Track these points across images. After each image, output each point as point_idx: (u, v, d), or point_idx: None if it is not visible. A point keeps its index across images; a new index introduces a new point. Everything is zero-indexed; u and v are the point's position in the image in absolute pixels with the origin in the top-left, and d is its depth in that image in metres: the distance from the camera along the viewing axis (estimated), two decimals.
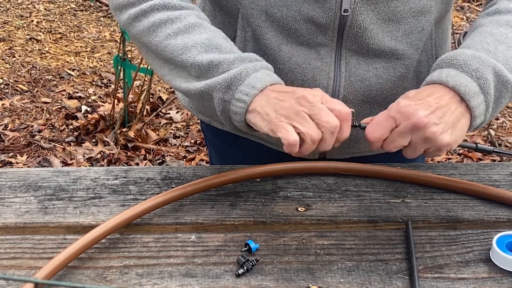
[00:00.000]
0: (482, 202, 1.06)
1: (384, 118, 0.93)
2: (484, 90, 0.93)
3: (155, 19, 1.01)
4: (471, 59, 0.95)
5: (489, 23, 1.03)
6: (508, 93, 0.96)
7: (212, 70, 0.96)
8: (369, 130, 0.93)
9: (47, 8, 4.64)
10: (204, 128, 1.38)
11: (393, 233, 0.99)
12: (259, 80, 0.93)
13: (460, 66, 0.94)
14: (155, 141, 3.10)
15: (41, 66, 3.77)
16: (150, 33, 1.01)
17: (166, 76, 1.04)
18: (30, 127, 3.16)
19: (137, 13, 1.02)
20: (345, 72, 1.08)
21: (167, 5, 1.02)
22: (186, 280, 0.88)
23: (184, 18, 1.01)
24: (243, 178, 1.08)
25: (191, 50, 0.98)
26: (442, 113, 0.91)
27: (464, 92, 0.92)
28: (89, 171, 1.13)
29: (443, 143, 0.90)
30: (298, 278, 0.89)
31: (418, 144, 0.91)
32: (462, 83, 0.93)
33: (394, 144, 0.92)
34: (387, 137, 0.92)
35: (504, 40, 0.99)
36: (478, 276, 0.90)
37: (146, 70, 2.94)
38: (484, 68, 0.93)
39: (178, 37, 0.99)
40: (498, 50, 0.97)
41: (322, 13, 1.03)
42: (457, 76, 0.93)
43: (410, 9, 1.05)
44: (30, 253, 0.93)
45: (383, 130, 0.92)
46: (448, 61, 0.96)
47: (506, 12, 1.04)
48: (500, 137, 3.16)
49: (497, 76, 0.94)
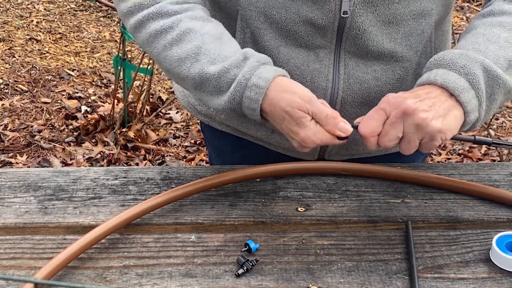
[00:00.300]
0: (482, 202, 1.06)
1: (374, 111, 0.94)
2: (474, 85, 0.94)
3: (151, 30, 1.04)
4: (458, 57, 0.96)
5: (482, 25, 1.04)
6: (500, 89, 0.96)
7: (205, 84, 1.00)
8: (361, 126, 0.94)
9: (47, 8, 4.64)
10: (203, 129, 1.38)
11: (393, 233, 0.99)
12: (252, 100, 0.96)
13: (448, 65, 0.96)
14: (155, 141, 3.10)
15: (41, 66, 3.77)
16: (150, 44, 1.05)
17: (176, 83, 1.12)
18: (30, 127, 3.16)
19: (136, 23, 1.05)
20: (343, 75, 1.08)
21: (161, 12, 1.04)
22: (186, 280, 0.88)
23: (177, 25, 1.02)
24: (243, 178, 1.08)
25: (185, 62, 1.01)
26: (431, 103, 0.91)
27: (453, 88, 0.93)
28: (89, 171, 1.13)
29: (435, 129, 0.90)
30: (298, 278, 0.89)
31: (411, 134, 0.91)
32: (450, 79, 0.94)
33: (388, 137, 0.92)
34: (381, 131, 0.93)
35: (496, 40, 1.00)
36: (478, 276, 0.90)
37: (146, 70, 2.93)
38: (472, 64, 0.94)
39: (173, 48, 1.02)
40: (489, 49, 0.98)
41: (321, 15, 1.03)
42: (445, 74, 0.94)
43: (410, 12, 1.05)
44: (29, 253, 0.93)
45: (375, 123, 0.93)
46: (436, 62, 0.98)
47: (500, 13, 1.05)
48: (500, 137, 3.16)
49: (486, 71, 0.95)
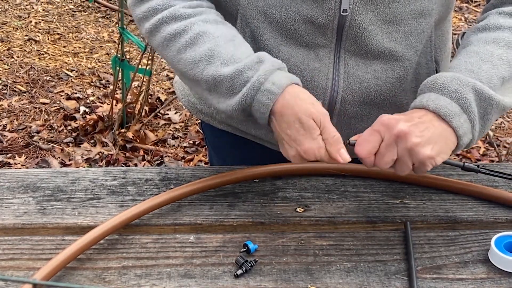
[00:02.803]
0: (481, 202, 1.06)
1: (369, 133, 0.95)
2: (466, 109, 0.95)
3: (165, 33, 1.04)
4: (449, 81, 0.97)
5: (477, 42, 1.05)
6: (494, 109, 0.97)
7: (218, 86, 1.00)
8: (358, 148, 0.95)
9: (46, 9, 4.63)
10: (204, 128, 1.38)
11: (391, 233, 0.99)
12: (263, 105, 0.96)
13: (440, 89, 0.97)
14: (153, 142, 3.09)
15: (39, 67, 3.77)
16: (165, 48, 1.06)
17: (190, 88, 1.13)
18: (29, 128, 3.16)
19: (151, 28, 1.06)
20: (343, 74, 1.09)
21: (175, 16, 1.04)
22: (184, 281, 0.88)
23: (190, 28, 1.03)
24: (242, 179, 1.08)
25: (198, 65, 1.01)
26: (424, 127, 0.93)
27: (444, 113, 0.94)
28: (87, 172, 1.13)
29: (425, 156, 0.91)
30: (297, 279, 0.89)
31: (405, 157, 0.93)
32: (442, 105, 0.95)
33: (384, 160, 0.93)
34: (377, 154, 0.94)
35: (489, 59, 1.01)
36: (477, 276, 0.90)
37: (145, 70, 2.93)
38: (463, 88, 0.95)
39: (187, 51, 1.03)
40: (482, 69, 0.99)
41: (321, 13, 1.03)
42: (437, 99, 0.95)
43: (410, 11, 1.05)
44: (28, 254, 0.93)
45: (371, 144, 0.94)
46: (429, 85, 0.99)
47: (494, 28, 1.05)
48: (499, 138, 3.17)
49: (478, 94, 0.96)
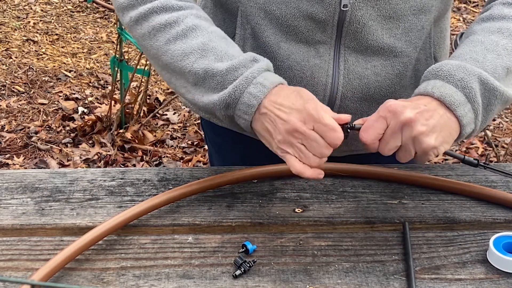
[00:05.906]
0: (479, 203, 1.06)
1: (375, 119, 0.94)
2: (470, 98, 0.95)
3: (154, 23, 1.02)
4: (455, 69, 0.96)
5: (481, 31, 1.05)
6: (497, 100, 0.97)
7: (208, 80, 0.98)
8: (363, 134, 0.95)
9: (44, 10, 4.63)
10: (204, 125, 1.38)
11: (390, 234, 0.99)
12: (253, 97, 0.95)
13: (446, 76, 0.96)
14: (152, 143, 3.09)
15: (37, 67, 3.76)
16: (151, 37, 1.03)
17: (167, 80, 1.06)
18: (27, 129, 3.16)
19: (137, 16, 1.03)
20: (343, 70, 1.09)
21: (166, 7, 1.02)
22: (183, 281, 0.88)
23: (182, 21, 1.01)
24: (240, 179, 1.08)
25: (189, 56, 0.99)
26: (429, 115, 0.92)
27: (449, 102, 0.94)
28: (86, 172, 1.13)
29: (429, 146, 0.91)
30: (296, 280, 0.89)
31: (409, 145, 0.93)
32: (448, 93, 0.94)
33: (388, 146, 0.94)
34: (381, 139, 0.94)
35: (494, 49, 1.00)
36: (475, 277, 0.90)
37: (143, 71, 2.93)
38: (469, 77, 0.95)
39: (177, 43, 1.00)
40: (487, 59, 0.99)
41: (321, 9, 1.03)
42: (443, 87, 0.95)
43: (411, 7, 1.06)
44: (27, 254, 0.93)
45: (376, 131, 0.94)
46: (434, 72, 0.98)
47: (499, 18, 1.05)
48: (497, 138, 3.17)
49: (483, 84, 0.96)
